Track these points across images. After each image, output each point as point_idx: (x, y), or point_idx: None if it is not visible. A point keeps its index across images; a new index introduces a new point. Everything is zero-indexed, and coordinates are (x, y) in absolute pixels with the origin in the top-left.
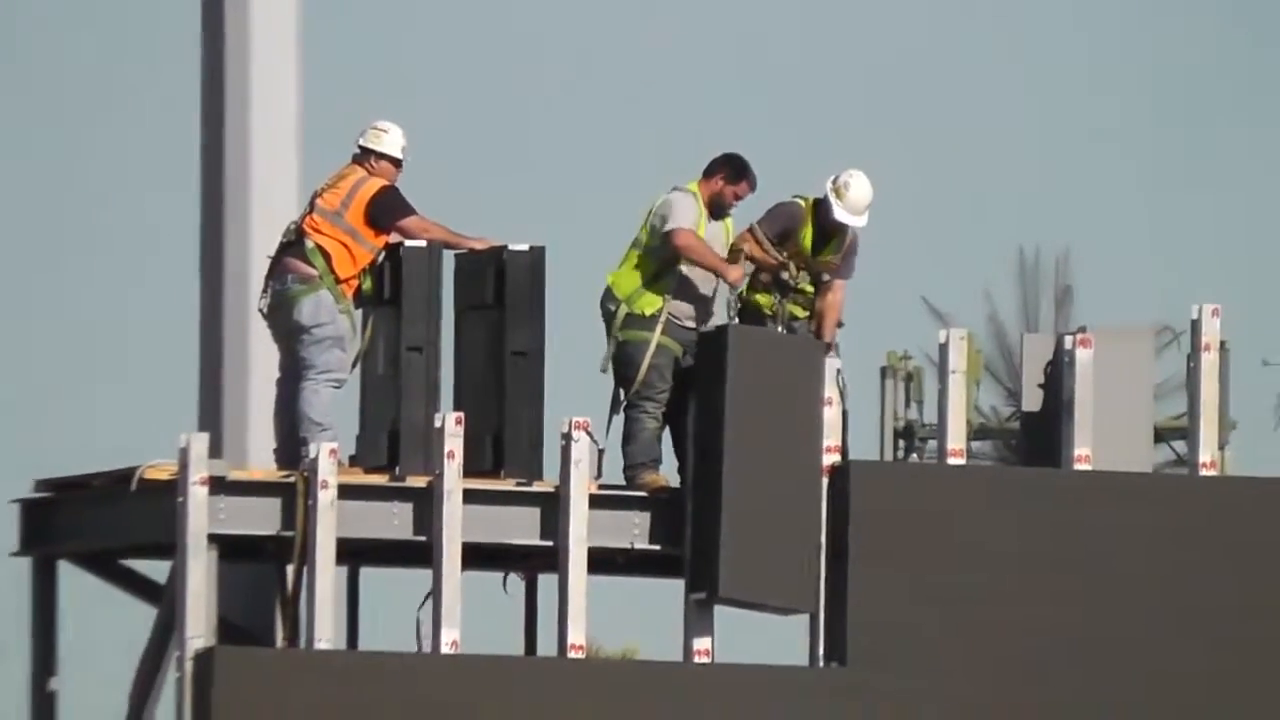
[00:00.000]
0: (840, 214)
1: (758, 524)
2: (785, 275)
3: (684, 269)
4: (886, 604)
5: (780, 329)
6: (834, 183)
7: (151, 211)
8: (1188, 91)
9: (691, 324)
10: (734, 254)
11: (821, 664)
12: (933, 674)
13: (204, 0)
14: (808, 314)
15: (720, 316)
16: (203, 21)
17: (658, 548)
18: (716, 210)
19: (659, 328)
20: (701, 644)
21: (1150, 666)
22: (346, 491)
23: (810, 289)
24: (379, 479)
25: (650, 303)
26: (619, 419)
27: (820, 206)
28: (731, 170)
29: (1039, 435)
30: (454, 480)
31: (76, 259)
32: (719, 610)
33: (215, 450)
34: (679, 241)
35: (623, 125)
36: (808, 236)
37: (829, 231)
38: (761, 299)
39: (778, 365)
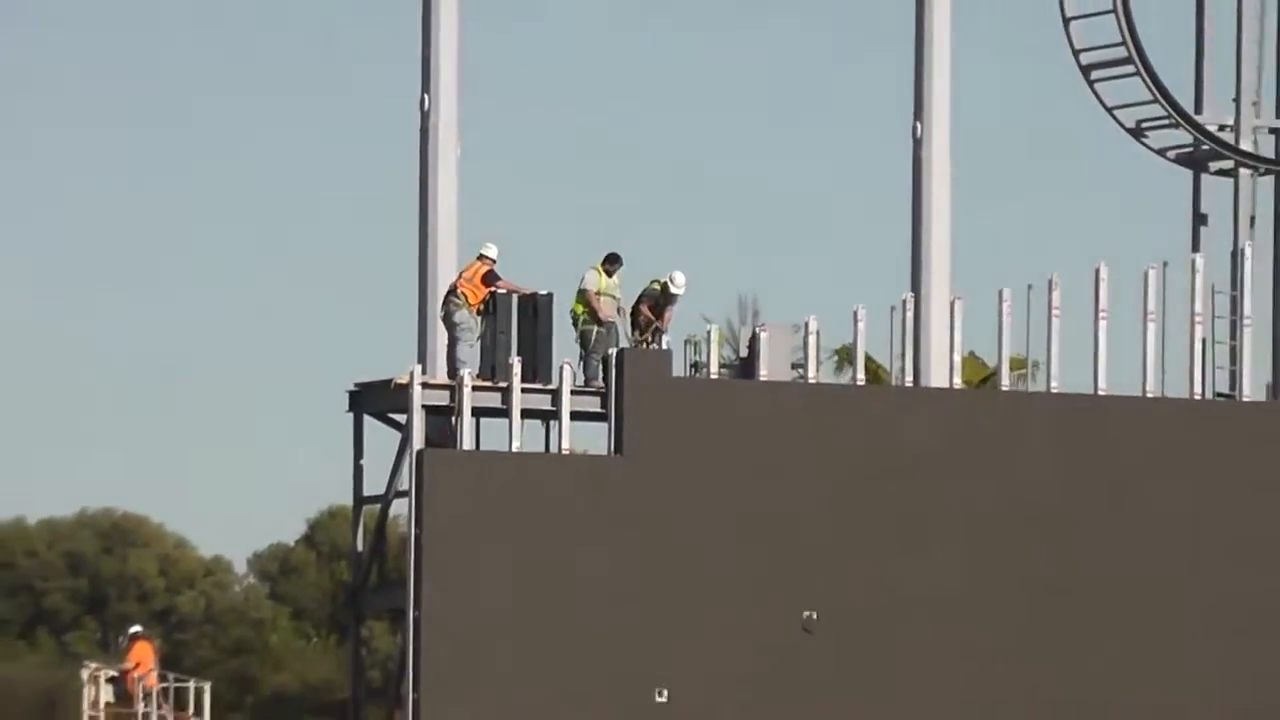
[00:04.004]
0: (673, 289)
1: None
2: (658, 326)
3: (603, 304)
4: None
5: (654, 341)
6: (670, 275)
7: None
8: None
9: (614, 320)
10: (618, 309)
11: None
12: (682, 466)
13: (419, 178)
14: (656, 324)
15: (623, 332)
16: (419, 185)
17: (597, 410)
18: (609, 275)
19: (595, 325)
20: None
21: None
22: (476, 389)
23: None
24: (488, 384)
25: (586, 314)
26: (579, 363)
27: (664, 285)
28: (610, 259)
29: (749, 367)
30: (517, 385)
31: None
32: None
33: (425, 370)
34: (586, 298)
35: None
36: (662, 299)
37: (669, 295)
38: (643, 323)
39: (652, 362)
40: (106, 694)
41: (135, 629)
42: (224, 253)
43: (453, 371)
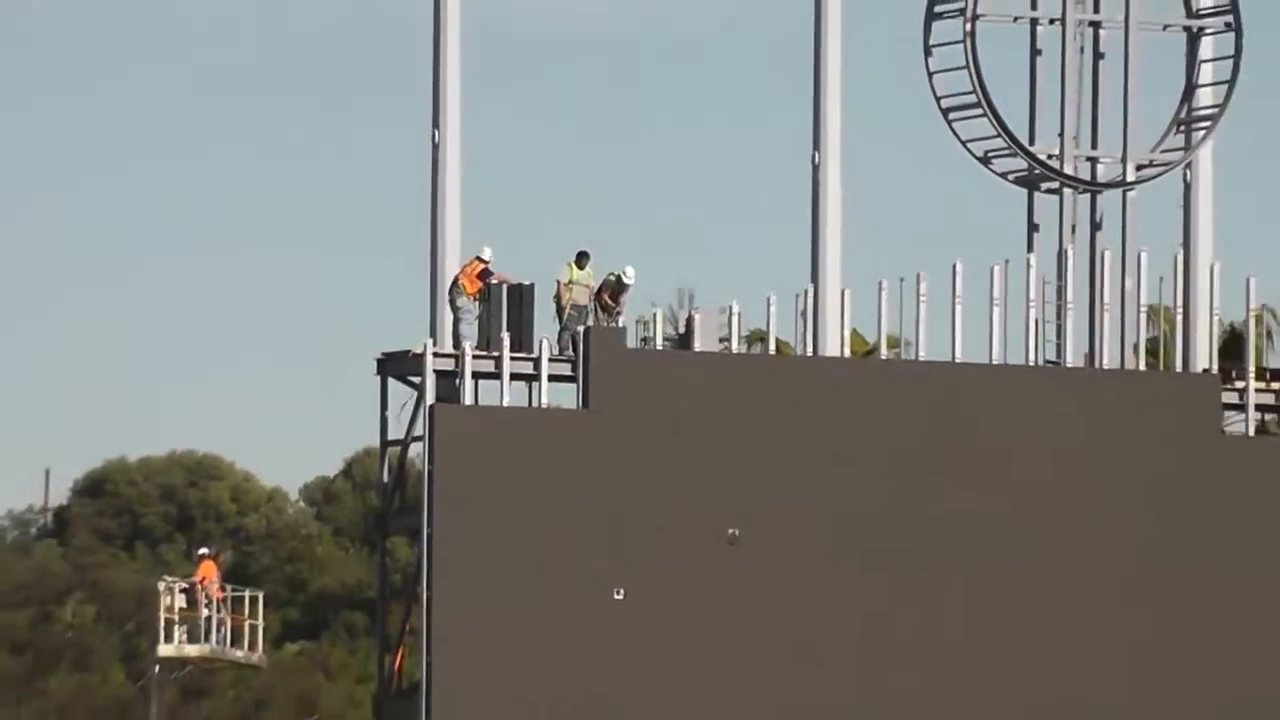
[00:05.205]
0: (625, 280)
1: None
2: (615, 310)
3: (574, 293)
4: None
5: (612, 320)
6: (623, 269)
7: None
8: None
9: (583, 304)
10: (590, 295)
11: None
12: (636, 418)
13: (430, 200)
14: (615, 308)
15: (589, 314)
16: (430, 208)
17: (569, 374)
18: (580, 268)
19: (568, 309)
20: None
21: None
22: (475, 358)
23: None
24: (484, 353)
25: (564, 300)
26: (556, 338)
27: (618, 277)
28: (581, 256)
29: (686, 341)
30: (507, 354)
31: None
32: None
33: (435, 343)
34: (560, 289)
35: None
36: (617, 288)
37: (622, 285)
38: (604, 307)
39: (611, 336)
40: (180, 601)
41: (203, 550)
42: (270, 256)
43: (457, 344)
